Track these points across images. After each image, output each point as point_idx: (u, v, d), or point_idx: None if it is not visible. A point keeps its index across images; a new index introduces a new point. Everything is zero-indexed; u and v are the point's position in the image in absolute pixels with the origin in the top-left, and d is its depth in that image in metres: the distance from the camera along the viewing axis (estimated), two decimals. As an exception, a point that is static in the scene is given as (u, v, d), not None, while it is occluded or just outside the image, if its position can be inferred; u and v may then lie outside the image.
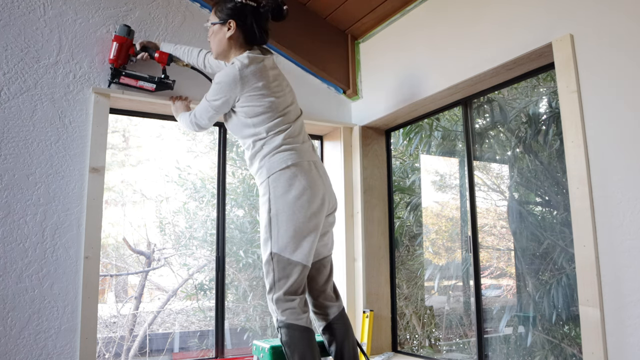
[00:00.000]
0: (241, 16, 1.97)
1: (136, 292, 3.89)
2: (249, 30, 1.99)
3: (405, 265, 3.10)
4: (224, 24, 1.98)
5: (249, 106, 1.91)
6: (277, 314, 1.85)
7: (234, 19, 1.97)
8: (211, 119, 2.02)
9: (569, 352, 2.20)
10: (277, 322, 1.87)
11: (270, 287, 1.87)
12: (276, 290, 1.85)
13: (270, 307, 1.89)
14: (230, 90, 1.89)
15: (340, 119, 3.10)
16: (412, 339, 3.04)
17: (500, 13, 2.21)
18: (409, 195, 3.16)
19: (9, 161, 2.12)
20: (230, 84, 1.88)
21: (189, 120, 2.10)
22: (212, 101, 1.94)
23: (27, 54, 2.21)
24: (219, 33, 2.01)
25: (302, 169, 1.89)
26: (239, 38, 1.99)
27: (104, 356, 3.58)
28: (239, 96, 1.90)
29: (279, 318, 1.85)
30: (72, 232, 2.19)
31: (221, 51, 2.03)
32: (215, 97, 1.93)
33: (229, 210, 3.75)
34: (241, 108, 1.93)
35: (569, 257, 2.19)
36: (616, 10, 1.78)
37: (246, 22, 1.98)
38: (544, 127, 2.38)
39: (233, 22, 1.97)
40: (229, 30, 1.97)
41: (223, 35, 1.99)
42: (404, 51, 2.77)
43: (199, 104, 2.02)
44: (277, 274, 1.85)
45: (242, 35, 1.99)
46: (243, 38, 1.99)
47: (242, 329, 3.63)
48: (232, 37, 1.98)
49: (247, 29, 1.98)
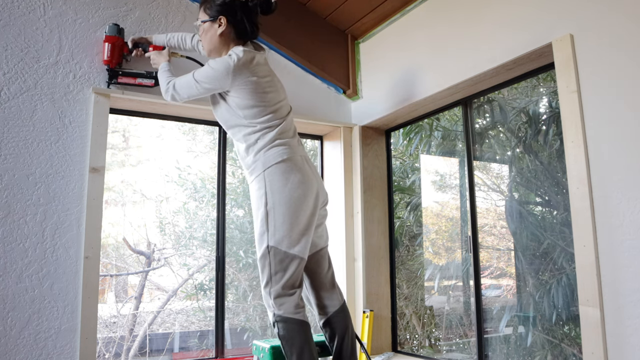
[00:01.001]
0: (231, 12, 1.96)
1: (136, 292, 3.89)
2: (240, 26, 1.97)
3: (405, 265, 3.10)
4: (214, 21, 1.97)
5: (240, 97, 1.90)
6: (274, 308, 1.85)
7: (224, 15, 1.96)
8: (191, 96, 1.98)
9: (569, 352, 2.20)
10: (273, 316, 1.86)
11: (266, 281, 1.86)
12: (273, 284, 1.84)
13: (267, 302, 1.88)
14: (221, 79, 1.88)
15: (340, 119, 3.10)
16: (412, 339, 3.04)
17: (500, 13, 2.21)
18: (409, 195, 3.16)
19: (9, 161, 2.12)
20: (223, 73, 1.86)
21: (165, 85, 2.03)
22: (201, 82, 1.91)
23: (27, 54, 2.21)
24: (209, 30, 2.00)
25: (296, 164, 1.90)
26: (231, 34, 1.98)
27: (104, 356, 3.57)
28: (229, 87, 1.90)
29: (276, 312, 1.84)
30: (72, 232, 2.19)
31: (213, 48, 2.02)
32: (205, 80, 1.90)
33: (229, 210, 3.75)
34: (232, 98, 1.92)
35: (569, 257, 2.19)
36: (616, 10, 1.78)
37: (236, 17, 1.96)
38: (544, 127, 2.38)
39: (223, 19, 1.96)
40: (220, 26, 1.97)
41: (214, 32, 1.98)
42: (404, 51, 2.77)
43: (183, 78, 1.97)
44: (274, 268, 1.85)
45: (234, 31, 1.98)
46: (234, 34, 1.98)
47: (242, 329, 3.63)
48: (224, 33, 1.97)
49: (237, 24, 1.97)
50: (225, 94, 1.95)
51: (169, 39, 2.35)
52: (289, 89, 2.85)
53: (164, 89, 2.05)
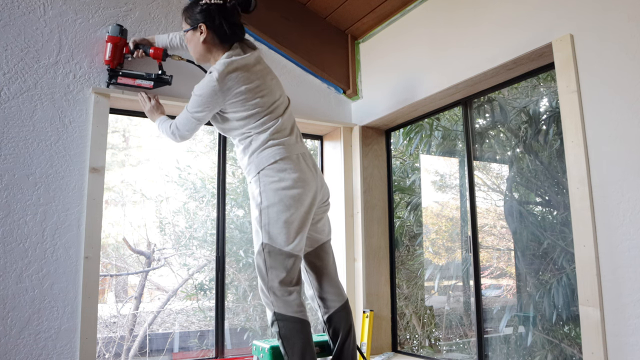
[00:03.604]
0: (209, 17, 1.94)
1: (136, 292, 3.89)
2: (220, 30, 1.95)
3: (405, 265, 3.10)
4: (195, 29, 1.97)
5: (235, 111, 1.91)
6: (275, 307, 1.84)
7: (203, 22, 1.94)
8: (193, 130, 2.00)
9: (569, 352, 2.20)
10: (273, 315, 1.85)
11: (263, 279, 1.87)
12: (269, 281, 1.85)
13: (265, 300, 1.88)
14: (212, 102, 1.88)
15: (340, 119, 3.10)
16: (412, 339, 3.04)
17: (500, 13, 2.21)
18: (409, 195, 3.16)
19: (9, 161, 2.12)
20: (211, 95, 1.86)
21: (169, 132, 2.06)
22: (194, 113, 1.92)
23: (27, 54, 2.21)
24: (192, 39, 1.99)
25: (292, 162, 1.90)
26: (214, 40, 1.96)
27: (104, 356, 3.57)
28: (224, 104, 1.90)
29: (277, 311, 1.84)
30: (72, 232, 2.19)
31: (199, 56, 2.01)
32: (197, 109, 1.91)
33: (229, 210, 3.75)
34: (228, 114, 1.93)
35: (569, 257, 2.19)
36: (616, 10, 1.78)
37: (215, 22, 1.94)
38: (544, 126, 2.38)
39: (203, 26, 1.94)
40: (201, 34, 1.95)
41: (197, 41, 1.97)
42: (404, 51, 2.77)
43: (180, 115, 2.00)
44: (269, 264, 1.85)
45: (216, 36, 1.96)
46: (217, 39, 1.96)
47: (242, 329, 3.63)
48: (206, 40, 1.96)
49: (217, 29, 1.95)
50: (221, 112, 1.95)
51: (171, 39, 2.35)
52: (289, 89, 2.86)
53: (170, 134, 2.06)
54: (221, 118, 1.97)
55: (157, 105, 2.28)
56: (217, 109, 1.92)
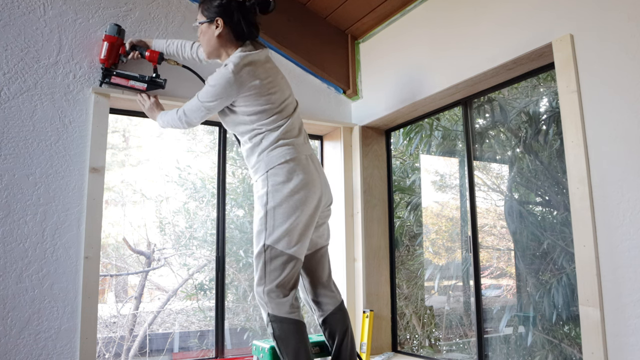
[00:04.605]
0: (228, 13, 1.94)
1: (136, 292, 3.89)
2: (237, 27, 1.95)
3: (405, 265, 3.10)
4: (211, 23, 1.96)
5: (246, 105, 1.90)
6: (268, 308, 1.84)
7: (221, 17, 1.94)
8: (201, 118, 2.00)
9: (569, 352, 2.20)
10: (268, 316, 1.85)
11: (260, 280, 1.86)
12: (267, 283, 1.84)
13: (260, 301, 1.87)
14: (225, 93, 1.87)
15: (340, 119, 3.10)
16: (412, 339, 3.04)
17: (500, 13, 2.21)
18: (409, 195, 3.16)
19: (9, 161, 2.12)
20: (225, 86, 1.86)
21: (176, 117, 2.05)
22: (206, 102, 1.92)
23: (27, 54, 2.21)
24: (207, 32, 1.98)
25: (300, 164, 1.89)
26: (228, 35, 1.97)
27: (104, 356, 3.57)
28: (236, 96, 1.89)
29: (271, 312, 1.84)
30: (72, 232, 2.19)
31: (212, 50, 2.01)
32: (210, 99, 1.91)
33: (229, 210, 3.75)
34: (239, 107, 1.92)
35: (569, 257, 2.19)
36: (616, 10, 1.78)
37: (233, 19, 1.94)
38: (544, 126, 2.38)
39: (220, 20, 1.94)
40: (217, 28, 1.95)
41: (212, 34, 1.97)
42: (404, 51, 2.77)
43: (190, 102, 1.99)
44: (268, 266, 1.84)
45: (231, 32, 1.96)
46: (232, 35, 1.97)
47: (242, 329, 3.63)
48: (221, 34, 1.96)
49: (235, 26, 1.95)
50: (231, 105, 1.94)
51: (168, 45, 2.34)
52: (289, 89, 2.86)
53: (176, 120, 2.05)
54: (230, 112, 1.96)
55: (157, 103, 2.28)
56: (229, 101, 1.91)
